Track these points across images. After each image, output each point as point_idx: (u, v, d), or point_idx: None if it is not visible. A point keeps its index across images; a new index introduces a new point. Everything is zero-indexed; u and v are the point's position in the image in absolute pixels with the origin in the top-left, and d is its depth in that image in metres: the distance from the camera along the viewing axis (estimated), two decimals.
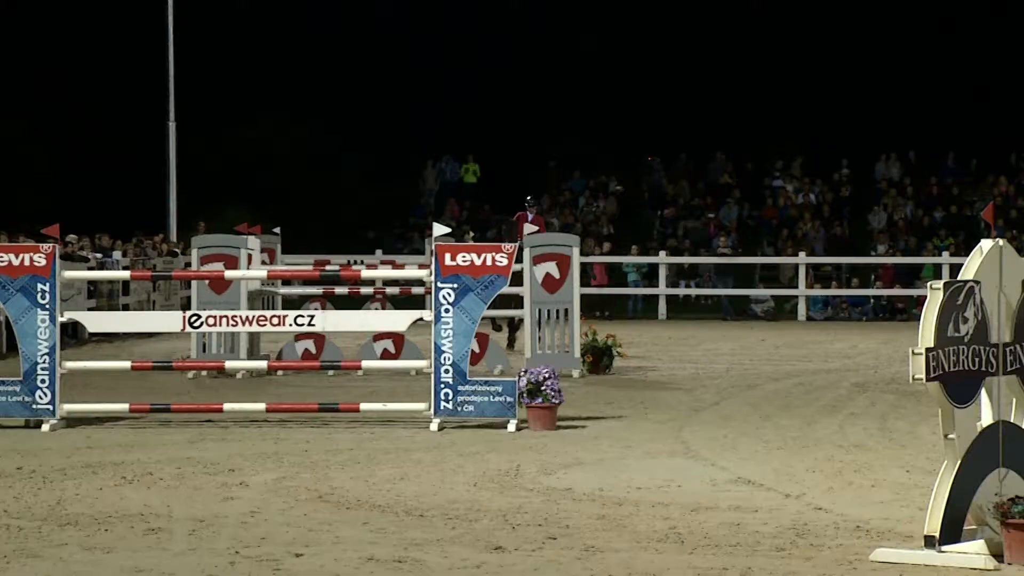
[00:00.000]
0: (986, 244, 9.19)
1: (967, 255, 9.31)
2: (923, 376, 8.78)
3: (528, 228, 15.65)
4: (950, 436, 8.94)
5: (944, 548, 8.94)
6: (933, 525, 8.96)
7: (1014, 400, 9.32)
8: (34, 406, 15.26)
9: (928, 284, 9.02)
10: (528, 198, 26.41)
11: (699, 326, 33.03)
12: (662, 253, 37.82)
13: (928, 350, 8.78)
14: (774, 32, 48.46)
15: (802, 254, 37.35)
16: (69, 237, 28.83)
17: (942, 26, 47.01)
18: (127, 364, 17.51)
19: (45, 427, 15.14)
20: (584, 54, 49.42)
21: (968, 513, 9.05)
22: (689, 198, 44.70)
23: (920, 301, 16.91)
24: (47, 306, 15.25)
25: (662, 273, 36.52)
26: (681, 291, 37.91)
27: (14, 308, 15.32)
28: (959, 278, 9.08)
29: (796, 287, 36.14)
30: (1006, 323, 9.21)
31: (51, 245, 15.42)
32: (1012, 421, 9.28)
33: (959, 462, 8.94)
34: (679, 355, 24.66)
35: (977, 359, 9.03)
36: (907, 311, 35.26)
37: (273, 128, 47.03)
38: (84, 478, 12.07)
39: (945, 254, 37.25)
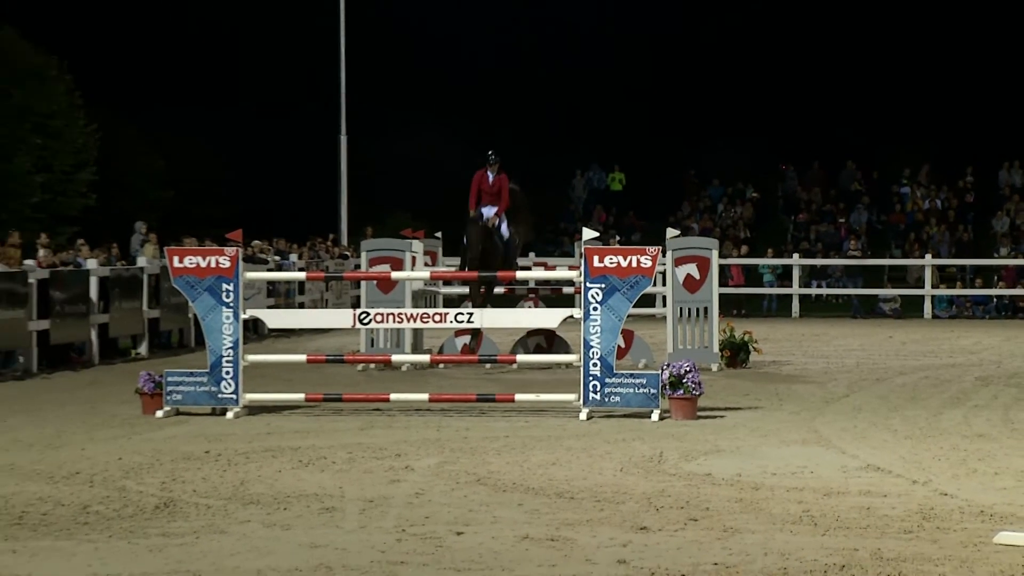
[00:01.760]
0: None
1: None
2: None
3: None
4: None
5: None
6: None
7: None
8: (219, 395, 15.50)
9: None
10: (490, 153, 21.06)
11: (830, 324, 32.68)
12: (795, 255, 37.50)
13: None
14: (903, 45, 47.83)
15: (928, 256, 36.83)
16: (254, 242, 29.23)
17: None
18: (303, 357, 17.70)
19: (229, 415, 15.36)
20: (721, 66, 49.15)
21: None
22: (821, 204, 44.28)
23: None
24: (231, 304, 15.47)
25: (795, 274, 36.21)
26: (813, 291, 37.55)
27: (201, 306, 15.56)
28: None
29: (922, 287, 35.65)
30: None
31: (235, 248, 15.63)
32: None
33: None
34: (811, 350, 24.43)
35: None
36: None
37: (436, 138, 47.36)
38: (265, 461, 12.24)
39: None
